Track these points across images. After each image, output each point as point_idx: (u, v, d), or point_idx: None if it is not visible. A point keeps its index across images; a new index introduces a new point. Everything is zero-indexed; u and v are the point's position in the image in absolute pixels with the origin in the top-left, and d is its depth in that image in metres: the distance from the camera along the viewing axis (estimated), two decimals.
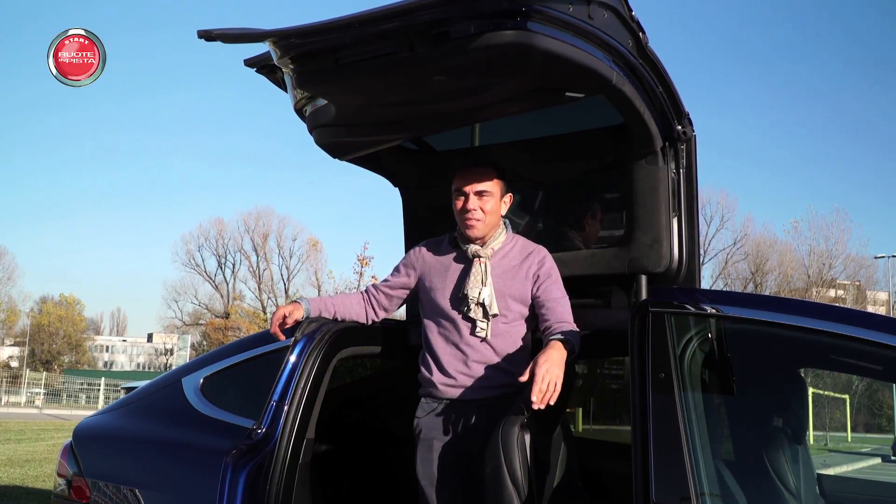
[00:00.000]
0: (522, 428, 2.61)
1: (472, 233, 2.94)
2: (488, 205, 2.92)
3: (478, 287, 2.92)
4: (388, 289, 3.15)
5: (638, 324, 2.49)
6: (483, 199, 2.91)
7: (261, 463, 2.72)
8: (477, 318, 2.92)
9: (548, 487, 2.81)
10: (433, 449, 2.93)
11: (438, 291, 3.01)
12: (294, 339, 2.95)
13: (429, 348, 3.02)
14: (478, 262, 2.96)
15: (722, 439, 2.58)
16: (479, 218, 2.92)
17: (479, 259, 2.96)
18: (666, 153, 2.79)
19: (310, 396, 2.86)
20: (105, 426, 3.36)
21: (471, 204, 2.90)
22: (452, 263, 3.03)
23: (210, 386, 3.10)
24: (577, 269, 3.01)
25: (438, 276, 3.03)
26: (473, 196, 2.91)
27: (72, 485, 3.13)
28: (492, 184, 2.93)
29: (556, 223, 3.46)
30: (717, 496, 2.28)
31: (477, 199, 2.91)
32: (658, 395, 2.33)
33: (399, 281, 3.14)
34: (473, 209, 2.90)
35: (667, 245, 2.79)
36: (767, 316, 2.41)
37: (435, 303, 3.02)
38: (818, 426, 6.14)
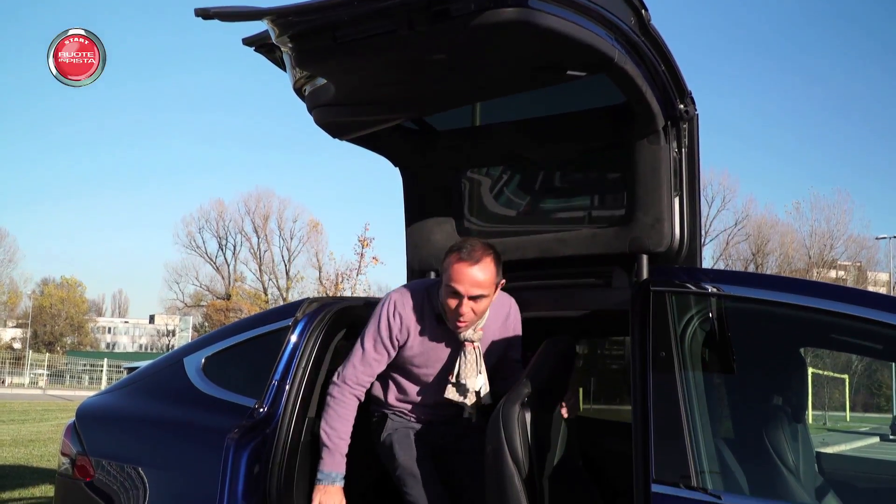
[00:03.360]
0: (523, 406, 2.62)
1: (459, 330, 2.81)
2: (481, 306, 2.79)
3: (474, 376, 2.85)
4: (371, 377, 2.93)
5: (639, 303, 2.49)
6: (477, 301, 2.76)
7: (263, 442, 2.73)
8: (467, 402, 2.89)
9: (548, 466, 2.82)
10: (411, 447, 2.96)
11: (423, 369, 2.92)
12: (295, 318, 2.96)
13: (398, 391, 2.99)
14: (471, 348, 2.85)
15: (722, 418, 2.59)
16: (469, 320, 2.79)
17: (473, 344, 2.86)
18: (668, 132, 2.78)
19: (311, 376, 2.87)
20: (108, 406, 3.38)
21: (464, 308, 2.74)
22: (438, 341, 2.89)
23: (212, 366, 3.11)
24: (578, 248, 3.00)
25: (424, 355, 2.89)
26: (468, 300, 2.74)
27: (75, 464, 3.15)
28: (489, 285, 2.77)
29: (557, 203, 3.45)
30: (717, 474, 2.29)
31: (472, 302, 2.75)
32: (659, 374, 2.34)
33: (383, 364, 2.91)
34: (466, 312, 2.75)
35: (668, 225, 2.79)
36: (768, 295, 2.41)
37: (419, 381, 2.94)
38: (818, 405, 6.17)
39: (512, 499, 2.53)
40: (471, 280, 2.72)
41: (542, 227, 3.26)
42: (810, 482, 2.80)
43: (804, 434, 2.87)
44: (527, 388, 2.70)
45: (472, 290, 2.72)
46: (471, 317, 2.77)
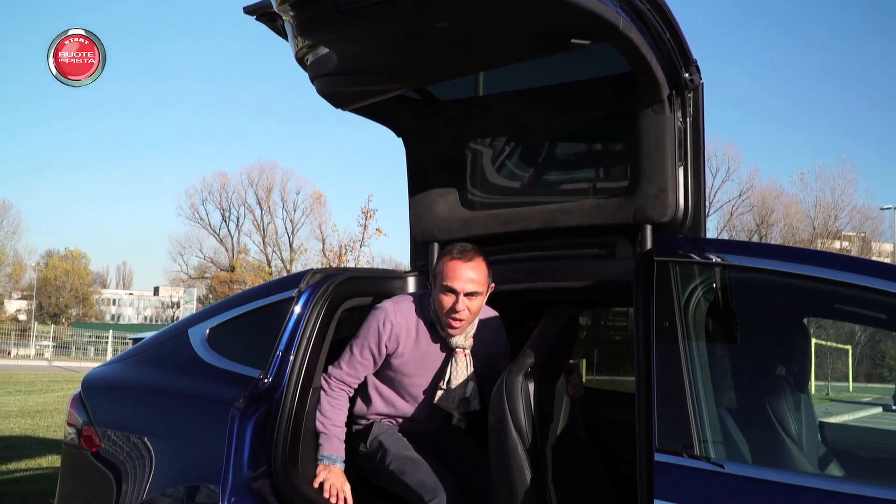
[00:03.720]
0: (526, 377, 2.62)
1: (453, 332, 2.91)
2: (475, 304, 2.89)
3: (465, 383, 2.94)
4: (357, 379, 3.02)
5: (643, 273, 2.49)
6: (472, 299, 2.86)
7: (268, 411, 2.75)
8: (457, 411, 2.96)
9: (551, 436, 2.83)
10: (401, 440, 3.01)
11: (413, 378, 3.00)
12: (299, 289, 2.96)
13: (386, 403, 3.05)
14: (462, 355, 2.95)
15: (725, 387, 2.59)
16: (465, 318, 2.88)
17: (464, 351, 2.95)
18: (673, 101, 2.75)
19: (315, 347, 2.88)
20: (113, 376, 3.39)
21: (460, 305, 2.84)
22: (429, 350, 2.97)
23: (216, 336, 3.12)
24: (582, 219, 2.99)
25: (415, 363, 2.97)
26: (464, 297, 2.84)
27: (82, 434, 3.17)
28: (482, 283, 2.88)
29: (560, 173, 3.43)
30: (720, 443, 2.29)
31: (466, 299, 2.85)
32: (662, 345, 2.34)
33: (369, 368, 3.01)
34: (462, 310, 2.85)
35: (672, 195, 2.77)
36: (773, 265, 2.40)
37: (409, 391, 3.02)
38: (821, 376, 6.19)
39: (515, 469, 2.55)
40: (466, 276, 2.83)
41: (546, 197, 3.24)
42: (813, 451, 2.81)
43: (807, 404, 2.88)
44: (530, 358, 2.70)
45: (468, 286, 2.83)
46: (466, 315, 2.86)
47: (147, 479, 2.87)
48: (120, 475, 2.97)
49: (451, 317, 2.87)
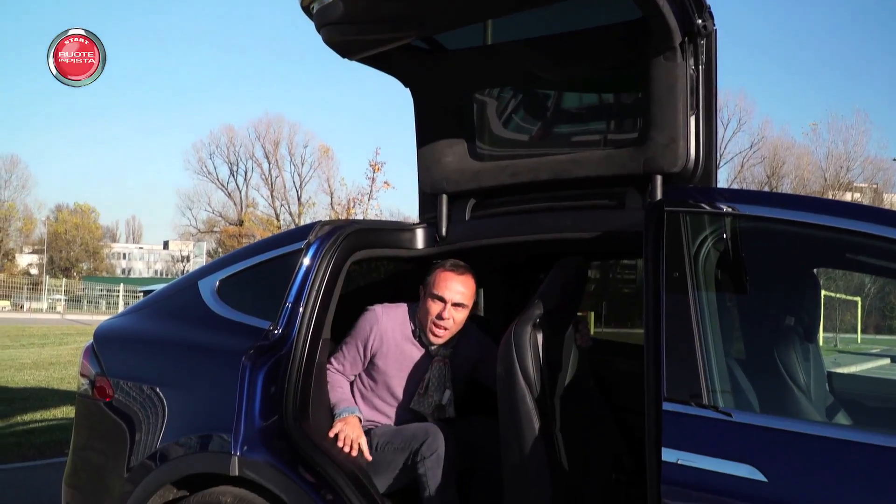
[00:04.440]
0: (535, 327, 2.63)
1: (437, 339, 3.07)
2: (460, 316, 3.07)
3: (441, 391, 3.09)
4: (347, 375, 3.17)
5: (653, 224, 2.47)
6: (458, 310, 3.05)
7: (278, 362, 2.77)
8: (431, 417, 3.09)
9: (559, 386, 2.85)
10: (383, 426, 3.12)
11: (394, 380, 3.12)
12: (307, 241, 2.96)
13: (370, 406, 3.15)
14: (440, 363, 3.11)
15: (734, 338, 2.59)
16: (449, 327, 3.05)
17: (443, 359, 3.12)
18: (685, 49, 2.70)
19: (324, 298, 2.89)
20: (125, 328, 3.42)
21: (446, 314, 3.02)
22: (412, 354, 3.12)
23: (226, 288, 3.13)
24: (592, 169, 2.96)
25: (396, 363, 3.11)
26: (451, 307, 3.03)
27: (95, 384, 3.20)
28: (469, 297, 3.08)
29: (570, 123, 3.39)
30: (728, 392, 2.30)
31: (453, 309, 3.03)
32: (672, 295, 2.33)
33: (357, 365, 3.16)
34: (448, 318, 3.02)
35: (683, 144, 2.74)
36: (784, 214, 2.37)
37: (388, 388, 3.13)
38: (829, 328, 6.18)
39: (524, 418, 2.57)
40: (455, 288, 3.03)
41: (555, 147, 3.21)
42: (821, 401, 2.82)
43: (816, 354, 2.88)
44: (538, 309, 2.71)
45: (456, 296, 3.03)
46: (450, 324, 3.04)
47: (160, 428, 2.91)
48: (133, 425, 3.00)
49: (436, 324, 3.04)
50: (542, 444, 2.55)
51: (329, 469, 2.61)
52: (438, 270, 3.08)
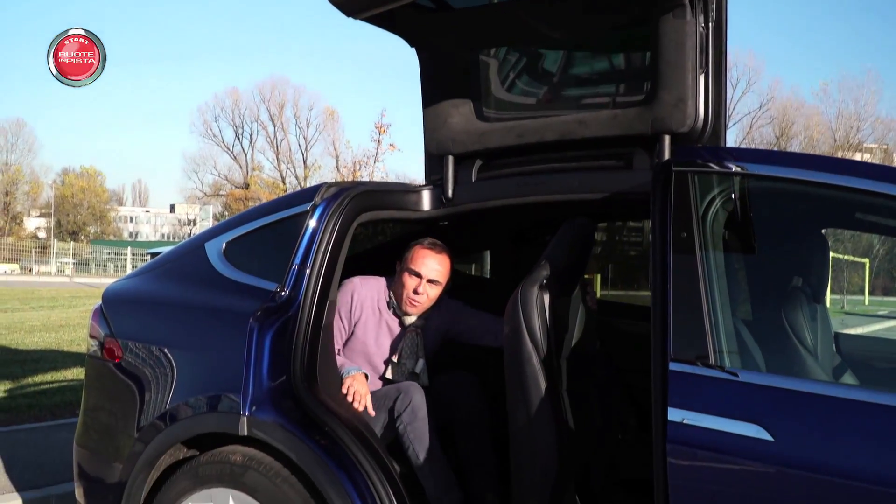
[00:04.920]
0: (541, 288, 2.63)
1: (411, 311, 3.26)
2: (434, 292, 3.25)
3: (414, 360, 3.27)
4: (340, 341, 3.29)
5: (660, 184, 2.46)
6: (433, 286, 3.23)
7: (285, 324, 2.78)
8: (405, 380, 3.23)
9: (566, 346, 2.86)
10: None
11: (371, 348, 3.28)
12: (313, 203, 2.95)
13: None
14: (413, 334, 3.29)
15: (741, 298, 2.59)
16: (423, 302, 3.24)
17: (416, 330, 3.30)
18: (695, 6, 2.66)
19: (331, 260, 2.88)
20: (133, 289, 3.43)
21: (422, 288, 3.21)
22: (386, 324, 3.29)
23: (233, 250, 3.13)
24: (599, 130, 2.94)
25: (373, 333, 3.28)
26: (426, 283, 3.22)
27: (104, 346, 3.22)
28: (444, 275, 3.25)
29: (577, 83, 3.36)
30: (735, 353, 2.30)
31: (429, 285, 3.22)
32: (679, 256, 2.32)
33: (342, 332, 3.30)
34: (422, 293, 3.22)
35: (692, 104, 2.70)
36: (794, 173, 2.35)
37: (366, 356, 3.28)
38: (836, 290, 6.18)
39: (530, 378, 2.58)
40: (431, 266, 3.21)
41: (562, 108, 3.18)
42: (828, 361, 2.82)
43: (823, 314, 2.87)
44: (545, 270, 2.70)
45: (432, 273, 3.21)
46: (424, 299, 3.23)
47: (169, 388, 2.93)
48: (142, 385, 3.03)
49: (412, 298, 3.22)
50: (549, 405, 2.57)
51: (337, 428, 2.64)
52: (417, 247, 3.25)
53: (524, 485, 2.63)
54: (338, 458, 2.55)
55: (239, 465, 2.66)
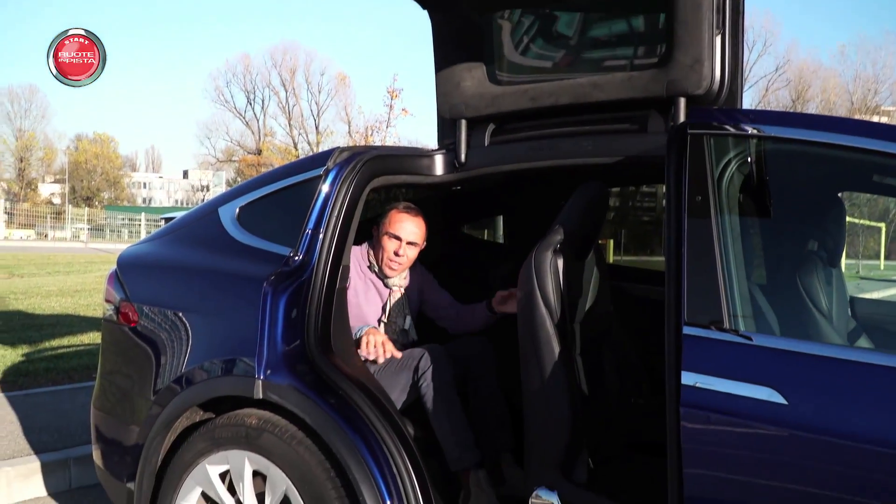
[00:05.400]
0: (555, 253, 2.62)
1: (392, 273, 3.41)
2: (412, 253, 3.41)
3: (402, 317, 3.45)
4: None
5: (675, 147, 2.43)
6: (412, 247, 3.40)
7: (299, 288, 2.79)
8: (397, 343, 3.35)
9: (579, 311, 2.86)
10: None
11: (364, 309, 3.40)
12: (326, 167, 2.94)
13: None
14: (398, 292, 3.46)
15: (756, 262, 2.57)
16: (403, 263, 3.40)
17: (400, 289, 3.47)
18: None
19: (344, 225, 2.88)
20: (148, 254, 3.44)
21: (402, 251, 3.37)
22: (373, 286, 3.44)
23: (246, 215, 3.13)
24: (613, 93, 2.90)
25: (363, 295, 3.42)
26: (406, 244, 3.37)
27: (119, 310, 3.25)
28: (421, 237, 3.41)
29: (591, 45, 3.32)
30: (749, 317, 2.29)
31: (408, 247, 3.38)
32: (694, 219, 2.31)
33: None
34: (402, 255, 3.37)
35: (708, 65, 2.66)
36: (811, 135, 2.32)
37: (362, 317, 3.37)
38: (852, 254, 6.14)
39: (544, 343, 2.58)
40: (409, 228, 3.37)
41: (576, 71, 3.15)
42: (843, 325, 2.81)
43: (839, 278, 2.86)
44: (559, 235, 2.69)
45: (410, 236, 3.37)
46: (404, 260, 3.39)
47: (185, 352, 2.95)
48: (158, 349, 3.05)
49: (392, 259, 3.37)
50: (562, 369, 2.57)
51: (350, 391, 2.65)
52: (393, 212, 3.40)
53: (537, 449, 2.65)
54: (351, 421, 2.57)
55: (254, 428, 2.69)
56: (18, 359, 7.18)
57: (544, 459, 2.63)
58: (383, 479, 2.50)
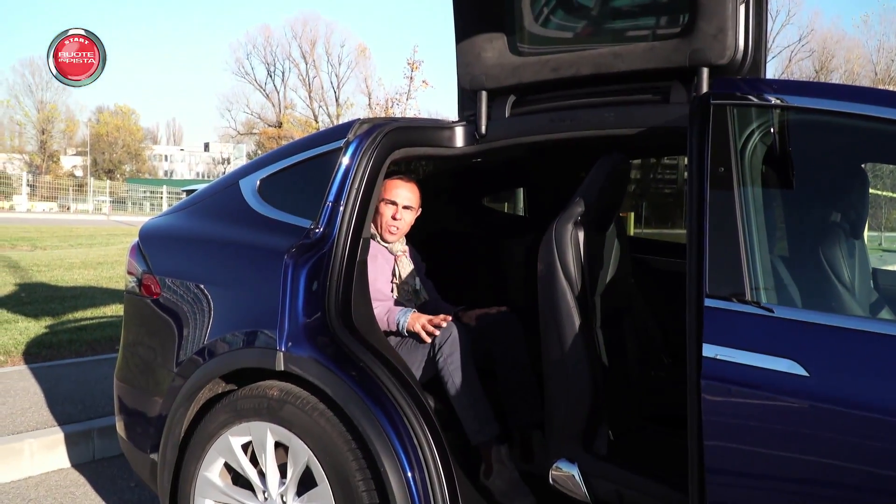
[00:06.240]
0: (576, 225, 2.61)
1: (392, 238, 3.50)
2: (409, 216, 3.51)
3: (413, 277, 3.58)
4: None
5: (698, 117, 2.41)
6: (408, 211, 3.49)
7: (320, 260, 2.80)
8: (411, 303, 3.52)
9: (600, 283, 2.85)
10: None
11: (376, 274, 3.42)
12: (347, 139, 2.94)
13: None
14: (403, 257, 3.57)
15: (779, 234, 2.55)
16: (400, 227, 3.49)
17: (404, 253, 3.58)
18: None
19: (364, 197, 2.88)
20: (169, 226, 3.47)
21: (399, 214, 3.46)
22: (380, 254, 3.50)
23: (267, 187, 3.14)
24: (635, 63, 2.87)
25: (374, 264, 3.41)
26: (402, 209, 3.46)
27: (142, 282, 3.28)
28: (416, 200, 3.51)
29: (612, 15, 3.28)
30: (771, 289, 2.28)
31: (404, 211, 3.47)
32: (716, 191, 2.29)
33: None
34: (400, 219, 3.46)
35: (732, 34, 2.62)
36: (835, 105, 2.28)
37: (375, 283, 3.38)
38: (874, 226, 6.08)
39: (564, 314, 2.58)
40: (403, 194, 3.46)
41: (598, 41, 3.11)
42: (865, 297, 2.78)
43: (861, 250, 2.83)
44: (580, 207, 2.68)
45: (405, 200, 3.46)
46: (402, 224, 3.49)
47: (207, 324, 2.98)
48: (180, 321, 3.08)
49: (391, 224, 3.45)
50: (582, 341, 2.57)
51: (371, 363, 2.67)
52: (386, 180, 3.40)
53: (557, 421, 2.66)
54: (372, 393, 2.59)
55: (276, 400, 2.71)
56: (42, 331, 7.27)
57: (564, 432, 2.64)
58: (404, 451, 2.52)
